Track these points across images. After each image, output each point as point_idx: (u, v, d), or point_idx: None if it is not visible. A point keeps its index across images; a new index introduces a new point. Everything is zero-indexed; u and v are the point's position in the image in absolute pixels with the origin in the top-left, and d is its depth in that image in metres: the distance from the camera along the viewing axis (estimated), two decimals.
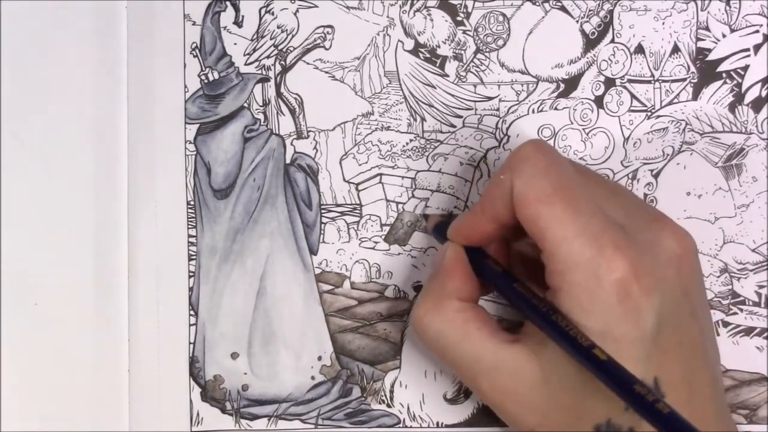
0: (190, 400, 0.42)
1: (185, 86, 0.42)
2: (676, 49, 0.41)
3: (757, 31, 0.41)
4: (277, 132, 0.42)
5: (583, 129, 0.41)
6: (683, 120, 0.41)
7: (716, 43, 0.41)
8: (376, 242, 0.42)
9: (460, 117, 0.42)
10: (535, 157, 0.33)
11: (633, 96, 0.41)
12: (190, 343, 0.42)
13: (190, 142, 0.42)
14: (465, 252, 0.36)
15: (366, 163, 0.42)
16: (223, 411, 0.42)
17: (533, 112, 0.41)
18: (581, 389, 0.32)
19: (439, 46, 0.42)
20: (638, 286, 0.31)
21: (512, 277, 0.35)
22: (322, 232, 0.42)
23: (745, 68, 0.41)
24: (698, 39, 0.41)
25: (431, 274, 0.37)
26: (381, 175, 0.42)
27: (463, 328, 0.34)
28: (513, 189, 0.33)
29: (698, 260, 0.34)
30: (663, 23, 0.41)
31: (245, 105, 0.42)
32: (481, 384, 0.34)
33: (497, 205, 0.34)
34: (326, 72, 0.42)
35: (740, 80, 0.41)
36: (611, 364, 0.30)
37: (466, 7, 0.41)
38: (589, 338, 0.31)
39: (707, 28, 0.41)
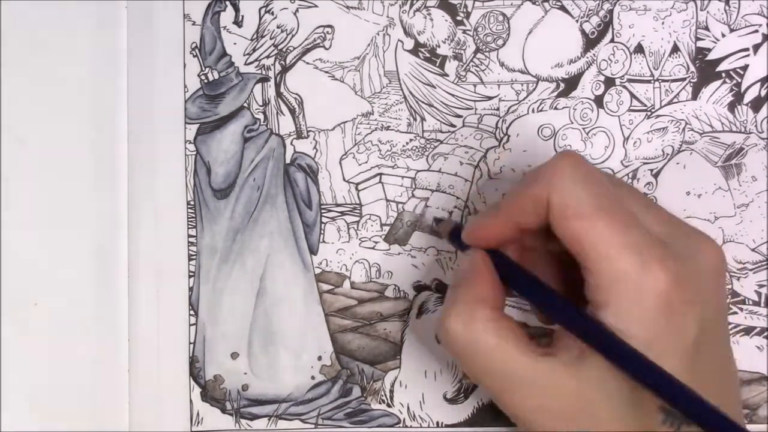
0: (190, 400, 0.42)
1: (185, 86, 0.42)
2: (675, 49, 0.41)
3: (757, 31, 0.41)
4: (277, 132, 0.42)
5: (583, 128, 0.41)
6: (683, 120, 0.41)
7: (716, 42, 0.41)
8: (376, 242, 0.42)
9: (460, 117, 0.42)
10: (573, 171, 0.32)
11: (633, 95, 0.41)
12: (190, 343, 0.42)
13: (190, 142, 0.42)
14: (490, 259, 0.35)
15: (366, 162, 0.42)
16: (223, 411, 0.42)
17: (533, 111, 0.41)
18: (619, 404, 0.31)
19: (439, 46, 0.42)
20: (681, 299, 0.31)
21: (543, 283, 0.34)
22: (322, 232, 0.42)
23: (745, 68, 0.41)
24: (698, 39, 0.41)
25: (456, 281, 0.36)
26: (381, 174, 0.42)
27: (495, 340, 0.33)
28: (550, 204, 0.32)
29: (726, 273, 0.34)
30: (662, 23, 0.41)
31: (245, 105, 0.42)
32: (512, 396, 0.33)
33: (525, 214, 0.33)
34: (326, 72, 0.42)
35: (740, 80, 0.41)
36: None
37: (465, 6, 0.41)
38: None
39: (707, 28, 0.41)
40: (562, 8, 0.41)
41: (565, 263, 0.35)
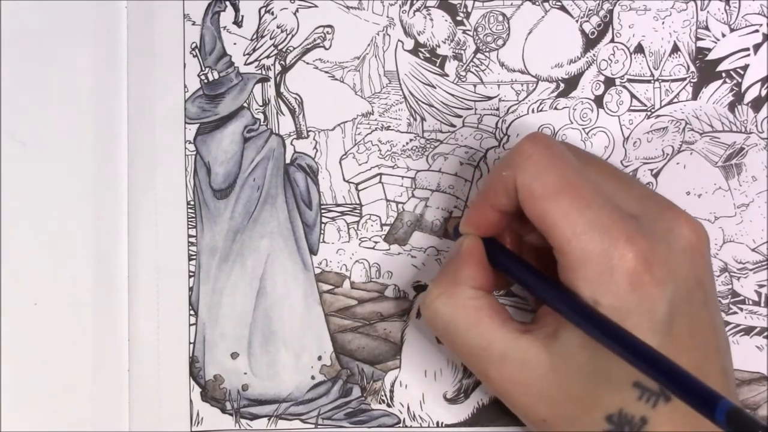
0: (190, 400, 0.42)
1: (185, 86, 0.42)
2: (675, 49, 0.41)
3: (757, 31, 0.41)
4: (276, 132, 0.42)
5: (583, 129, 0.41)
6: (683, 119, 0.41)
7: (716, 42, 0.41)
8: (376, 242, 0.42)
9: (460, 117, 0.42)
10: (538, 153, 0.33)
11: (633, 95, 0.41)
12: (190, 343, 0.42)
13: (190, 142, 0.42)
14: (482, 244, 0.36)
15: (366, 162, 0.42)
16: (223, 411, 0.42)
17: (533, 111, 0.41)
18: (592, 379, 0.32)
19: (438, 46, 0.42)
20: (650, 276, 0.31)
21: (529, 265, 0.35)
22: (322, 232, 0.42)
23: (745, 68, 0.41)
24: (698, 38, 0.41)
25: (446, 261, 0.37)
26: (381, 174, 0.42)
27: (475, 315, 0.34)
28: (516, 186, 0.33)
29: (710, 250, 0.34)
30: (663, 23, 0.41)
31: (245, 105, 0.42)
32: (489, 373, 0.34)
33: (500, 198, 0.34)
34: (326, 72, 0.42)
35: (740, 80, 0.41)
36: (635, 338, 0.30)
37: (465, 6, 0.41)
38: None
39: (707, 28, 0.41)
40: (562, 8, 0.41)
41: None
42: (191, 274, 0.42)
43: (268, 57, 0.42)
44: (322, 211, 0.42)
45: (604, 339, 0.30)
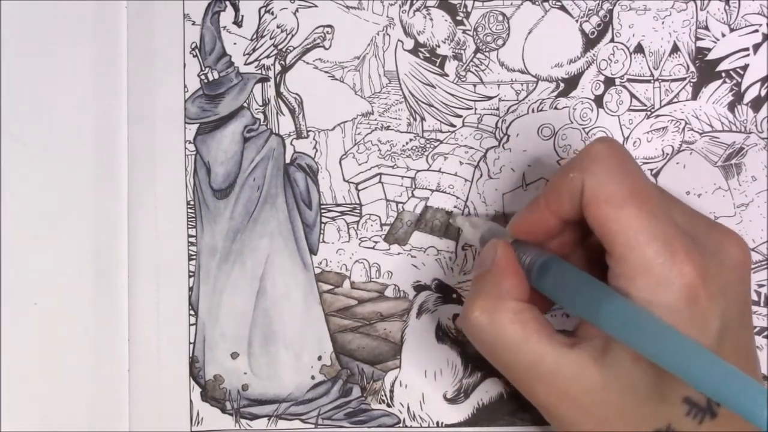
0: (190, 400, 0.42)
1: (185, 86, 0.42)
2: (675, 49, 0.41)
3: (757, 31, 0.41)
4: (276, 132, 0.42)
5: (583, 128, 0.41)
6: (683, 119, 0.41)
7: (716, 42, 0.41)
8: (376, 242, 0.42)
9: (460, 116, 0.42)
10: (608, 157, 0.32)
11: (632, 95, 0.41)
12: (190, 343, 0.42)
13: (190, 142, 0.42)
14: (513, 249, 0.35)
15: (366, 162, 0.42)
16: (223, 411, 0.42)
17: (533, 111, 0.41)
18: (643, 395, 0.31)
19: (438, 46, 0.42)
20: (705, 292, 0.31)
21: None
22: (322, 231, 0.42)
23: (745, 67, 0.41)
24: (698, 38, 0.41)
25: (479, 273, 0.35)
26: (381, 174, 0.42)
27: (522, 330, 0.33)
28: (583, 188, 0.32)
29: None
30: (662, 23, 0.41)
31: (245, 105, 0.42)
32: (536, 388, 0.33)
33: (563, 202, 0.33)
34: (326, 72, 0.42)
35: (739, 79, 0.41)
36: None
37: (465, 6, 0.41)
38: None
39: (707, 28, 0.41)
40: (562, 8, 0.41)
41: (589, 261, 0.35)
42: (191, 274, 0.42)
43: (268, 57, 0.42)
44: (322, 211, 0.42)
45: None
